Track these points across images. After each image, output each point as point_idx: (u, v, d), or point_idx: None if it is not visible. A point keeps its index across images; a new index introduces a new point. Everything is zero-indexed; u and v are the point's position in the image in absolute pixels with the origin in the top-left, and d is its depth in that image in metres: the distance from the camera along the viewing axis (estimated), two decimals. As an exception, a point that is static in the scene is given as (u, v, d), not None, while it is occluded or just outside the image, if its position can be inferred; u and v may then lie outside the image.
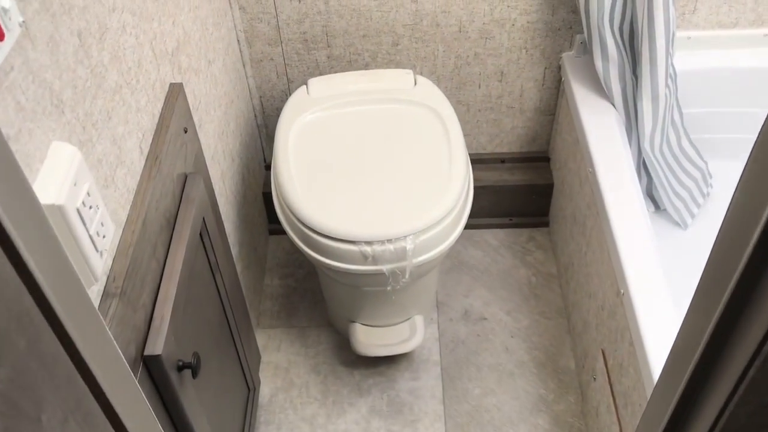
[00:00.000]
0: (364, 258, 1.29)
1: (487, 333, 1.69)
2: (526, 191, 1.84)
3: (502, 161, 1.87)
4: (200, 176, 1.12)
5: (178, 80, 1.15)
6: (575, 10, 1.57)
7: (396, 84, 1.53)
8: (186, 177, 1.11)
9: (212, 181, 1.33)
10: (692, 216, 1.67)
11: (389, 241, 1.28)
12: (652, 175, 1.58)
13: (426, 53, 1.65)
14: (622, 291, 1.24)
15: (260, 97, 1.74)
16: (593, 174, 1.42)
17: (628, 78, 1.49)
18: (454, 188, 1.34)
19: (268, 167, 1.86)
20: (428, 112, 1.48)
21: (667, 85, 1.45)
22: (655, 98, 1.45)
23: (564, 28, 1.60)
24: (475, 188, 1.82)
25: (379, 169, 1.38)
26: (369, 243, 1.28)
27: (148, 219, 0.93)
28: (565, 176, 1.70)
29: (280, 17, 1.58)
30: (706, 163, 1.69)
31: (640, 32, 1.40)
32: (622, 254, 1.26)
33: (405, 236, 1.28)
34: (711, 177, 1.71)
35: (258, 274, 1.74)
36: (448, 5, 1.57)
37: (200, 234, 1.12)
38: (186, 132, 1.12)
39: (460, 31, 1.61)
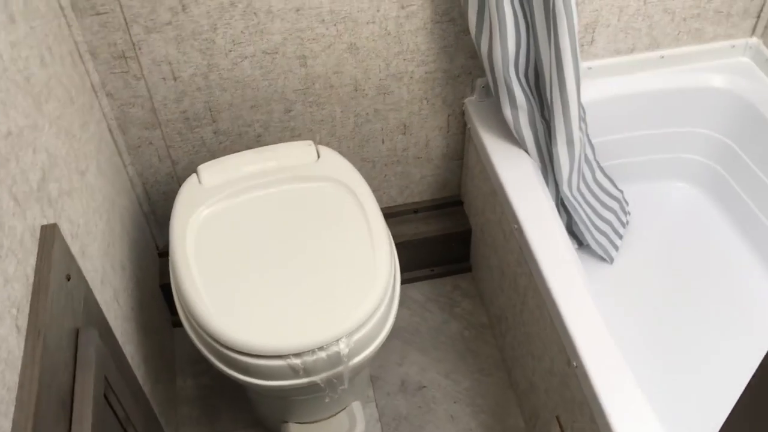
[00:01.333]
0: (295, 372, 1.15)
1: (429, 402, 1.58)
2: (444, 240, 1.75)
3: (415, 211, 1.77)
4: (94, 328, 0.95)
5: (50, 217, 0.96)
6: (473, 56, 1.49)
7: (297, 159, 1.39)
8: (77, 333, 0.93)
9: (107, 308, 1.15)
10: (616, 249, 1.63)
11: (321, 348, 1.15)
12: (573, 214, 1.52)
13: (323, 116, 1.52)
14: (574, 363, 1.17)
15: (143, 184, 1.55)
16: (520, 232, 1.34)
17: (539, 123, 1.42)
18: (381, 273, 1.22)
19: (161, 254, 1.67)
20: (338, 188, 1.35)
21: (580, 128, 1.39)
22: (570, 143, 1.39)
23: (464, 74, 1.52)
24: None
25: (295, 263, 1.24)
26: (298, 355, 1.14)
27: (39, 416, 0.76)
28: (483, 224, 1.62)
29: (155, 99, 1.41)
30: (621, 191, 1.65)
31: (548, 79, 1.33)
32: (570, 327, 1.18)
33: (337, 340, 1.15)
34: (628, 204, 1.68)
35: (169, 382, 1.56)
36: (340, 65, 1.44)
37: (105, 394, 0.95)
38: (69, 279, 0.94)
39: (356, 90, 1.49)
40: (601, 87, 1.60)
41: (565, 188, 1.46)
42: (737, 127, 1.63)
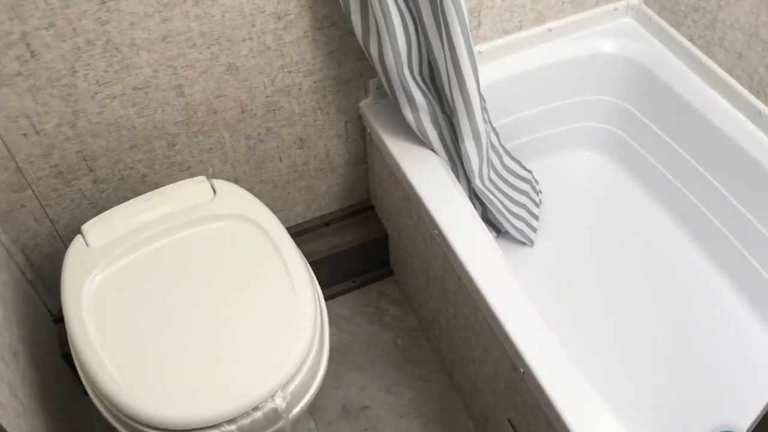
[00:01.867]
0: (232, 438, 1.05)
1: (374, 423, 1.51)
2: (362, 248, 1.67)
3: (327, 224, 1.68)
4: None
5: None
6: (362, 57, 1.40)
7: (191, 200, 1.27)
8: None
9: (4, 411, 1.01)
10: (534, 231, 1.60)
11: (255, 408, 1.05)
12: (487, 204, 1.48)
13: (211, 144, 1.40)
14: (521, 370, 1.12)
15: (22, 251, 1.38)
16: (441, 237, 1.28)
17: (442, 121, 1.36)
18: (307, 312, 1.13)
19: (57, 319, 1.51)
20: (243, 224, 1.24)
21: (484, 119, 1.33)
22: (476, 137, 1.33)
23: (355, 77, 1.43)
24: (310, 263, 1.61)
25: (210, 318, 1.13)
26: (232, 420, 1.04)
27: None
28: (400, 229, 1.55)
29: (17, 158, 1.25)
30: (530, 171, 1.62)
31: (445, 76, 1.27)
32: (512, 335, 1.13)
33: (272, 395, 1.06)
34: (538, 183, 1.65)
35: (92, 459, 1.42)
36: (222, 89, 1.32)
37: None
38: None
39: (243, 112, 1.38)
40: (495, 69, 1.55)
41: (477, 182, 1.41)
42: (632, 89, 1.62)
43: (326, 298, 1.71)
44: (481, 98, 1.33)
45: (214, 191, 1.28)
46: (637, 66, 1.58)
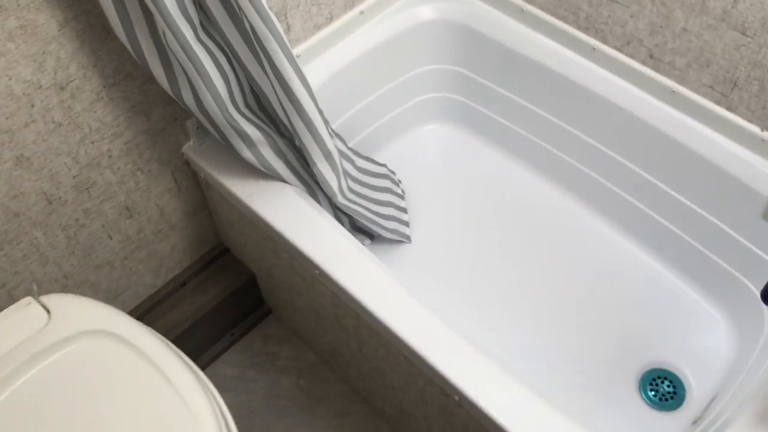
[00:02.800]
0: None
1: (306, 481, 1.38)
2: (230, 298, 1.49)
3: (183, 284, 1.48)
4: None
5: None
6: (171, 101, 1.20)
7: (23, 331, 1.04)
8: None
9: None
10: (408, 225, 1.50)
11: None
12: (354, 216, 1.35)
13: (23, 251, 1.16)
14: (456, 397, 1.03)
15: None
16: (324, 276, 1.14)
17: (285, 148, 1.20)
18: (206, 421, 0.96)
19: None
20: (95, 342, 1.03)
21: (330, 134, 1.19)
22: (328, 156, 1.19)
23: (168, 124, 1.23)
24: (180, 334, 1.43)
25: (95, 468, 0.93)
26: None
27: None
28: (269, 269, 1.39)
29: None
30: (383, 165, 1.51)
31: (278, 103, 1.11)
32: (435, 364, 1.03)
33: None
34: (395, 173, 1.55)
35: None
36: (16, 187, 1.08)
37: None
38: None
39: (51, 203, 1.14)
40: (318, 69, 1.40)
41: (339, 199, 1.27)
42: (460, 52, 1.54)
43: (208, 362, 1.53)
44: (321, 113, 1.18)
45: (48, 311, 1.06)
46: (460, 27, 1.50)
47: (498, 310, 1.42)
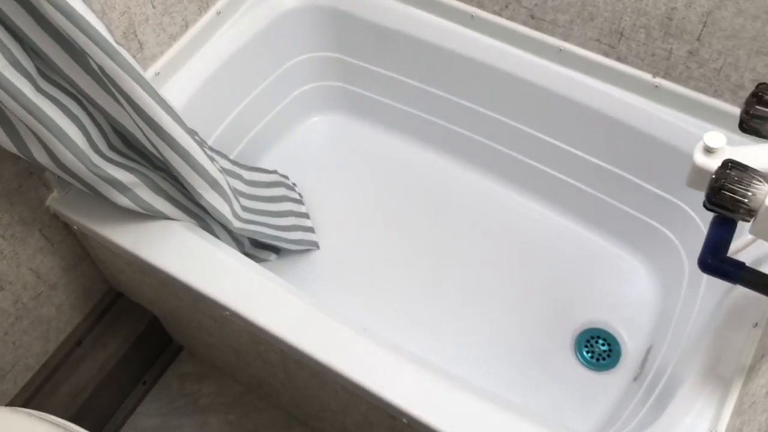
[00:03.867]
0: None
1: None
2: (132, 347, 1.36)
3: (79, 343, 1.34)
4: None
5: None
6: (15, 157, 1.04)
7: None
8: None
9: None
10: (313, 231, 1.41)
11: None
12: (256, 237, 1.25)
13: None
14: (405, 420, 0.97)
15: None
16: (236, 316, 1.04)
17: (164, 183, 1.07)
18: None
19: None
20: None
21: (211, 159, 1.07)
22: (214, 184, 1.07)
23: (24, 179, 1.07)
24: (87, 397, 1.29)
25: None
26: None
27: None
28: (172, 310, 1.27)
29: None
30: (274, 171, 1.40)
31: (145, 139, 0.98)
32: (375, 390, 0.95)
33: None
34: (288, 178, 1.44)
35: None
36: None
37: None
38: None
39: None
40: (183, 82, 1.27)
41: (235, 225, 1.16)
42: (332, 36, 1.44)
43: (124, 418, 1.40)
44: (198, 140, 1.06)
45: None
46: (327, 11, 1.39)
47: (423, 303, 1.36)
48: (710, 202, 0.71)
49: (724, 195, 0.70)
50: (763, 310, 0.96)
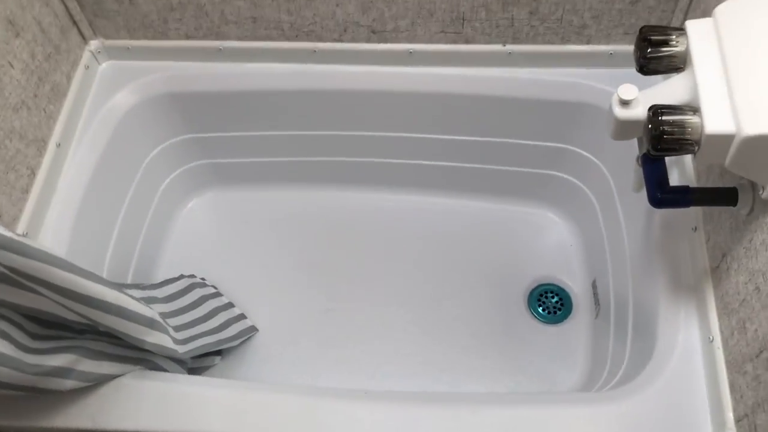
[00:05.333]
0: None
1: None
2: None
3: None
4: None
5: None
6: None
7: None
8: None
9: None
10: (244, 316, 1.34)
11: None
12: (202, 351, 1.16)
13: None
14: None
15: None
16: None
17: (97, 345, 0.97)
18: None
19: None
20: None
21: (134, 298, 0.98)
22: (151, 323, 0.98)
23: (-59, 411, 0.93)
24: None
25: None
26: None
27: None
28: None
29: None
30: (180, 276, 1.32)
31: (65, 308, 0.88)
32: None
33: None
34: (195, 275, 1.36)
35: None
36: None
37: None
38: None
39: None
40: (55, 231, 1.15)
41: (180, 351, 1.07)
42: (181, 119, 1.37)
43: None
44: (109, 284, 0.97)
45: None
46: (166, 97, 1.32)
47: (380, 336, 1.34)
48: (656, 150, 0.76)
49: (668, 139, 0.75)
50: (695, 213, 1.05)
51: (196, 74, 1.31)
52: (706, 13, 1.04)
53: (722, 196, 0.85)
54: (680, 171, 1.11)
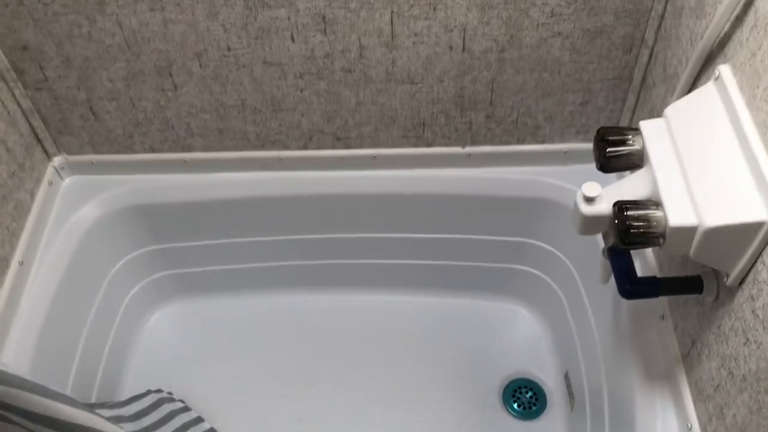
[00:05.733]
0: None
1: None
2: None
3: None
4: None
5: None
6: None
7: None
8: None
9: None
10: (202, 419, 1.29)
11: None
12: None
13: None
14: None
15: None
16: None
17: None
18: None
19: None
20: None
21: (108, 419, 0.95)
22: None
23: None
24: None
25: None
26: None
27: None
28: None
29: None
30: (147, 392, 1.28)
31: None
32: None
33: None
34: (162, 390, 1.32)
35: None
36: None
37: None
38: None
39: None
40: (19, 349, 1.11)
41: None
42: (147, 231, 1.36)
43: None
44: (83, 406, 0.94)
45: None
46: (131, 210, 1.32)
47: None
48: (625, 244, 0.79)
49: (635, 233, 0.78)
50: (661, 301, 1.08)
51: (160, 186, 1.32)
52: (653, 111, 1.11)
53: (688, 285, 0.88)
54: (642, 261, 1.14)
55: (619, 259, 0.91)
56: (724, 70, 0.82)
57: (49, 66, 1.15)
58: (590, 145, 1.25)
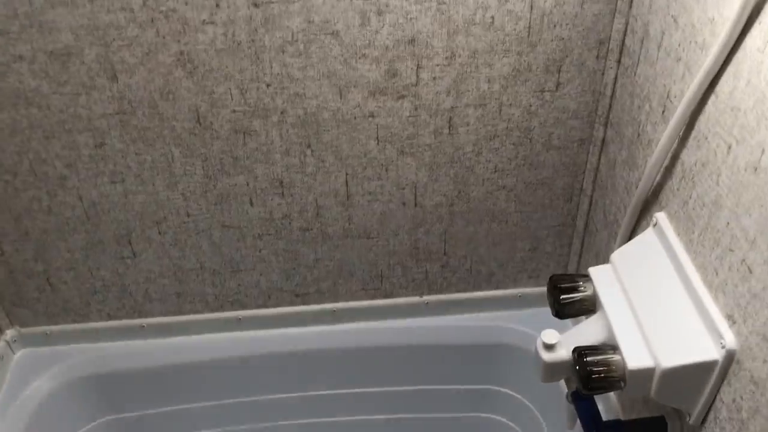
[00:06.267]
0: None
1: None
2: None
3: None
4: None
5: None
6: None
7: None
8: None
9: None
10: None
11: None
12: None
13: None
14: None
15: None
16: None
17: None
18: None
19: None
20: None
21: None
22: None
23: None
24: None
25: None
26: None
27: None
28: None
29: None
30: None
31: None
32: None
33: None
34: None
35: None
36: None
37: None
38: None
39: None
40: None
41: None
42: (104, 400, 1.32)
43: None
44: None
45: None
46: (88, 380, 1.28)
47: None
48: (588, 389, 0.81)
49: (596, 378, 0.80)
50: (628, 442, 1.08)
51: (117, 353, 1.30)
52: (598, 255, 1.16)
53: (652, 427, 0.89)
54: (606, 403, 1.15)
55: (583, 403, 0.92)
56: (660, 217, 0.88)
57: (6, 240, 1.15)
58: (543, 289, 1.30)
